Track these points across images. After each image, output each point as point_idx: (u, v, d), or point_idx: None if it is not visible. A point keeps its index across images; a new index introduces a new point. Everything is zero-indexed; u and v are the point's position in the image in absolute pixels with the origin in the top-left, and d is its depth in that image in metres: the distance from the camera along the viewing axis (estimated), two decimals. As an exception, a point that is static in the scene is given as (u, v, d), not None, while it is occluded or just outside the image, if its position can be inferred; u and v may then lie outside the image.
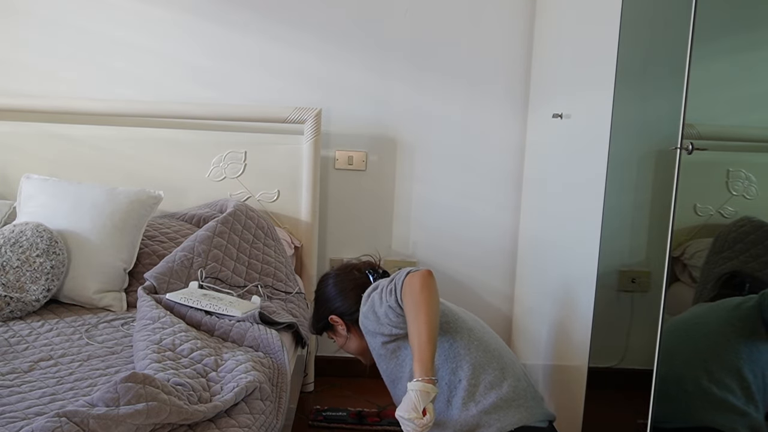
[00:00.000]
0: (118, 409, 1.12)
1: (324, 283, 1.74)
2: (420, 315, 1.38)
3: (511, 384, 1.48)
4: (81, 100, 2.43)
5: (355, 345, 1.68)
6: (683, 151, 1.32)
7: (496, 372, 1.49)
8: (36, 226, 1.96)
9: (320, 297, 1.73)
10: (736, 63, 1.49)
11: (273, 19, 2.50)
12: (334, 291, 1.69)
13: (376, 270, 1.69)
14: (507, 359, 1.55)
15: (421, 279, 1.42)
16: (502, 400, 1.44)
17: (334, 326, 1.70)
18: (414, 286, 1.41)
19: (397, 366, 1.54)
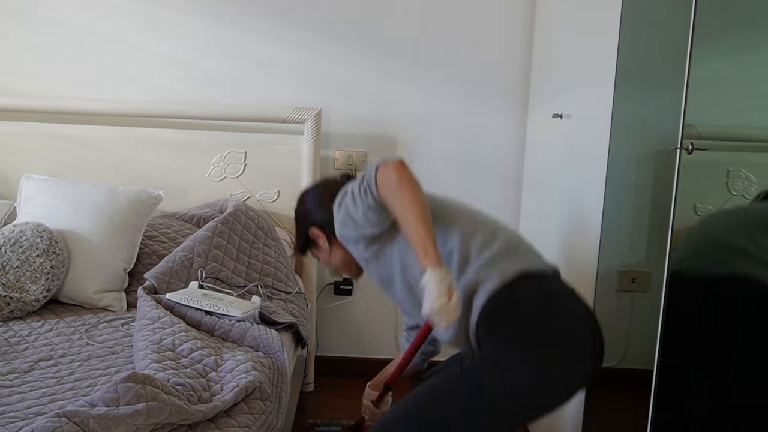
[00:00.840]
0: (118, 409, 1.12)
1: (302, 199, 1.67)
2: (408, 206, 1.31)
3: (503, 240, 1.41)
4: (81, 100, 2.43)
5: (339, 257, 1.61)
6: (683, 151, 1.32)
7: (486, 234, 1.42)
8: (36, 226, 1.96)
9: (299, 213, 1.67)
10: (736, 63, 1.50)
11: (273, 19, 2.50)
12: (312, 203, 1.63)
13: (353, 179, 1.61)
14: (499, 224, 1.48)
15: (395, 170, 1.33)
16: (496, 254, 1.38)
17: (315, 241, 1.63)
18: (390, 179, 1.33)
19: (385, 265, 1.47)
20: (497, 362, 1.28)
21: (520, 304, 1.32)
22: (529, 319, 1.31)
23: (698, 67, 1.29)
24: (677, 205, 1.35)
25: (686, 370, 1.53)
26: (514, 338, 1.29)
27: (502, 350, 1.29)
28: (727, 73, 1.50)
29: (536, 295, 1.34)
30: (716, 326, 1.37)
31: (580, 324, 1.32)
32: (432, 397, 1.30)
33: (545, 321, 1.30)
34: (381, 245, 1.45)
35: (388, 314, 2.69)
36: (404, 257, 1.42)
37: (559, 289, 1.39)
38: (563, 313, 1.33)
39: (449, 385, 1.31)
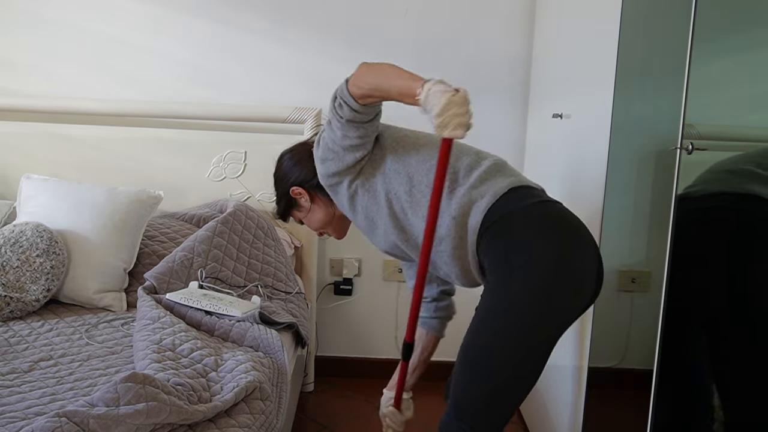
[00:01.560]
0: (118, 409, 1.12)
1: (279, 162, 1.64)
2: (381, 70, 1.27)
3: (490, 161, 1.41)
4: (81, 100, 2.43)
5: (321, 214, 1.59)
6: (683, 151, 1.32)
7: (471, 156, 1.42)
8: (36, 226, 1.96)
9: (278, 176, 1.63)
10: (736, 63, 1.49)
11: (273, 19, 2.50)
12: (291, 163, 1.60)
13: None
14: (482, 150, 1.48)
15: (361, 67, 1.30)
16: (485, 172, 1.37)
17: (296, 200, 1.60)
18: (359, 74, 1.30)
19: (370, 201, 1.43)
20: (506, 282, 1.27)
21: (517, 215, 1.30)
22: (529, 226, 1.30)
23: (698, 67, 1.28)
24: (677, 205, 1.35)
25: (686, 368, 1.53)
26: (518, 248, 1.28)
27: (508, 265, 1.27)
28: (727, 73, 1.50)
29: (533, 204, 1.33)
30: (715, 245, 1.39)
31: (581, 231, 1.33)
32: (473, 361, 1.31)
33: (545, 225, 1.30)
34: (365, 179, 1.42)
35: (388, 314, 2.69)
36: (390, 187, 1.40)
37: (552, 200, 1.39)
38: (562, 217, 1.34)
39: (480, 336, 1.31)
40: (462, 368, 1.34)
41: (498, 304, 1.29)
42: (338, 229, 1.63)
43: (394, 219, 1.41)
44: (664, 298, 1.37)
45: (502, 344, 1.28)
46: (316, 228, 1.64)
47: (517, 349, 1.28)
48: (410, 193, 1.38)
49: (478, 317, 1.33)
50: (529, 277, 1.26)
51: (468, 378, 1.32)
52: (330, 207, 1.56)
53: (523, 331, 1.27)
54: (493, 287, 1.32)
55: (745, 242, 1.47)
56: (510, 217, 1.30)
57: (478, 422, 1.32)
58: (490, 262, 1.32)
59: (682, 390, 1.54)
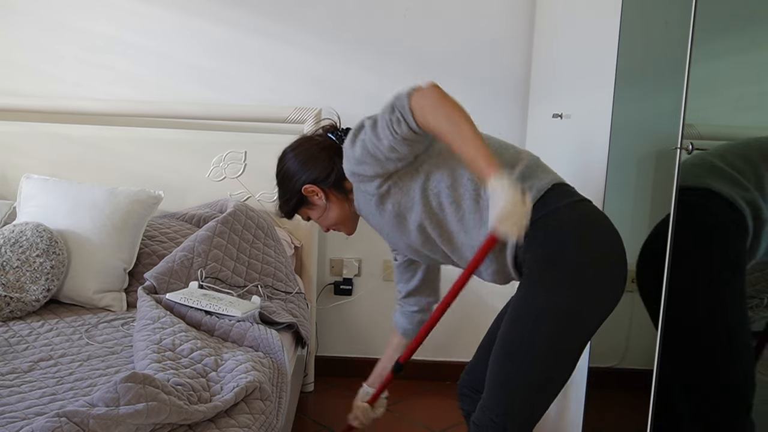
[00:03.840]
0: (118, 409, 1.12)
1: (284, 160, 1.57)
2: (456, 120, 1.25)
3: (528, 156, 1.41)
4: (81, 100, 2.43)
5: (336, 212, 1.53)
6: (683, 151, 1.32)
7: (510, 152, 1.40)
8: (36, 226, 1.96)
9: (285, 175, 1.56)
10: (736, 63, 1.50)
11: (273, 19, 2.50)
12: (300, 161, 1.52)
13: (338, 130, 1.55)
14: (516, 146, 1.46)
15: (432, 92, 1.26)
16: (527, 168, 1.35)
17: (309, 198, 1.53)
18: (429, 100, 1.25)
19: (404, 198, 1.38)
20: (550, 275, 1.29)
21: (563, 211, 1.31)
22: (575, 224, 1.31)
23: (698, 68, 1.28)
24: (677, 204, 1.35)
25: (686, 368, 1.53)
26: (563, 243, 1.29)
27: (553, 260, 1.28)
28: (727, 73, 1.50)
29: (574, 202, 1.34)
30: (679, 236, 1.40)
31: (615, 232, 1.34)
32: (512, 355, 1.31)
33: (589, 221, 1.32)
34: (399, 178, 1.37)
35: (388, 314, 2.68)
36: (429, 183, 1.36)
37: (587, 199, 1.39)
38: (603, 217, 1.35)
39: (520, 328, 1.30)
40: (501, 362, 1.33)
41: (540, 297, 1.29)
42: (351, 225, 1.59)
43: (430, 214, 1.37)
44: (664, 297, 1.37)
45: (545, 336, 1.28)
46: (328, 225, 1.59)
47: (559, 342, 1.29)
48: (453, 187, 1.35)
49: (518, 311, 1.33)
50: (575, 271, 1.28)
51: (509, 371, 1.32)
52: (345, 204, 1.51)
53: (567, 324, 1.29)
54: (535, 281, 1.32)
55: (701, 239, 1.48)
56: (558, 212, 1.30)
57: (517, 416, 1.32)
58: (532, 257, 1.31)
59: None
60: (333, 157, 1.47)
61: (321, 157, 1.49)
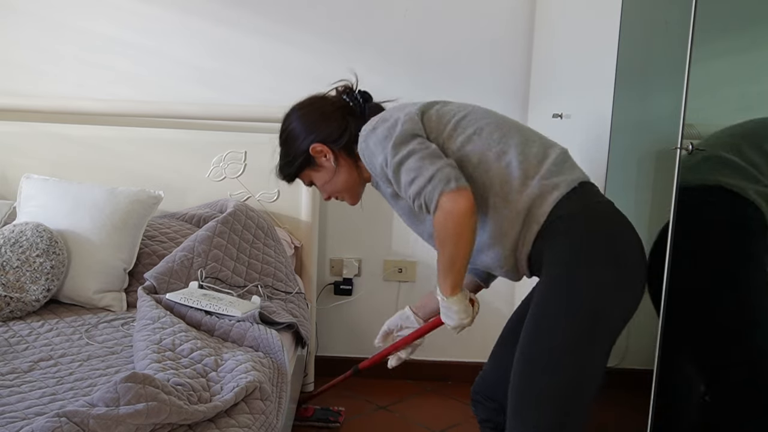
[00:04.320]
0: (118, 409, 1.12)
1: (290, 117, 1.48)
2: (451, 254, 1.27)
3: (557, 150, 1.34)
4: (81, 100, 2.43)
5: (344, 177, 1.44)
6: (683, 151, 1.32)
7: (537, 144, 1.33)
8: (36, 226, 1.96)
9: (291, 133, 1.46)
10: (736, 63, 1.50)
11: (273, 19, 2.50)
12: (311, 119, 1.44)
13: (353, 92, 1.49)
14: (544, 137, 1.40)
15: (456, 221, 1.23)
16: (554, 164, 1.30)
17: (316, 159, 1.44)
18: (447, 228, 1.24)
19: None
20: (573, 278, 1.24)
21: (590, 211, 1.28)
22: (600, 224, 1.27)
23: (698, 68, 1.28)
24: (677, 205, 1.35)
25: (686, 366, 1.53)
26: (587, 246, 1.25)
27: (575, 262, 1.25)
28: (727, 72, 1.50)
29: (600, 202, 1.31)
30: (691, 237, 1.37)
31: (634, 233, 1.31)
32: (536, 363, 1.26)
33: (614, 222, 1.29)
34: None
35: (388, 314, 2.67)
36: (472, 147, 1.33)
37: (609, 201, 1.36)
38: (623, 219, 1.31)
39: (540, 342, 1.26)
40: (525, 372, 1.26)
41: (565, 301, 1.25)
42: (356, 194, 1.49)
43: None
44: (665, 297, 1.37)
45: (572, 340, 1.23)
46: (333, 192, 1.50)
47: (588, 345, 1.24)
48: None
49: (536, 319, 1.27)
50: (592, 273, 1.24)
51: (535, 382, 1.25)
52: (354, 170, 1.44)
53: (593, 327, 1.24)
54: (551, 284, 1.27)
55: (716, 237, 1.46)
56: (580, 212, 1.27)
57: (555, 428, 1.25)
58: (549, 259, 1.27)
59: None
60: (347, 117, 1.41)
61: (334, 116, 1.41)
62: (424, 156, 1.26)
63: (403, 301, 2.67)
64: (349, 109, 1.43)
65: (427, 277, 2.64)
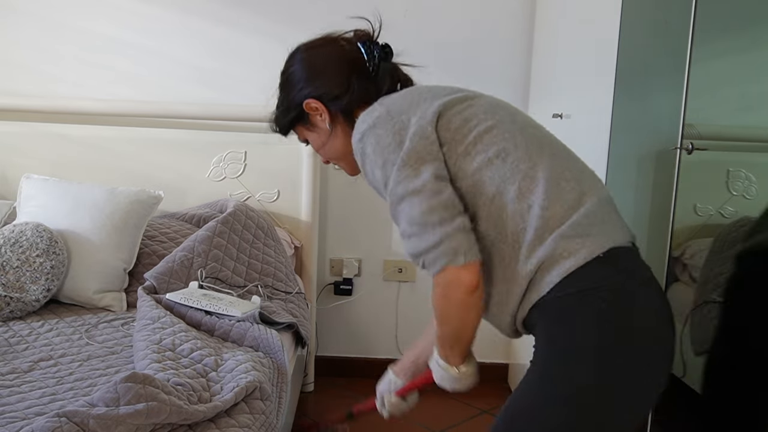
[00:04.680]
0: (118, 409, 1.12)
1: (293, 59, 1.27)
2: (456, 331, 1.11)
3: (595, 199, 1.06)
4: (81, 100, 2.43)
5: (339, 143, 1.21)
6: (683, 151, 1.32)
7: (572, 190, 1.06)
8: (36, 226, 1.96)
9: (288, 78, 1.27)
10: (736, 63, 1.50)
11: (273, 18, 2.50)
12: (312, 67, 1.22)
13: (372, 42, 1.27)
14: (585, 173, 1.12)
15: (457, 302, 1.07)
16: (584, 217, 1.03)
17: (310, 117, 1.23)
18: (445, 306, 1.10)
19: None
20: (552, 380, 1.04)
21: (604, 300, 1.00)
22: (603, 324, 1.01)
23: (698, 68, 1.29)
24: (677, 205, 1.35)
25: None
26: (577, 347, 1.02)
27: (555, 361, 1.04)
28: (727, 72, 1.50)
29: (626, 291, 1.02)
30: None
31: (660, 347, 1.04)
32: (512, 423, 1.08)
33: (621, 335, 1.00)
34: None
35: (388, 314, 2.69)
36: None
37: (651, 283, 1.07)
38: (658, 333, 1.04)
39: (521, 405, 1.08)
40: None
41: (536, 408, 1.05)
42: (354, 165, 1.20)
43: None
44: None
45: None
46: (328, 157, 1.29)
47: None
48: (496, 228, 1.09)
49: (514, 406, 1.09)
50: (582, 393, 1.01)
51: None
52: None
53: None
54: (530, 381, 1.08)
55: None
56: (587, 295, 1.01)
57: None
58: (537, 342, 1.08)
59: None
60: (352, 75, 1.18)
61: (338, 69, 1.18)
62: (433, 206, 1.03)
63: (403, 301, 2.67)
64: (360, 64, 1.18)
65: (427, 277, 2.63)
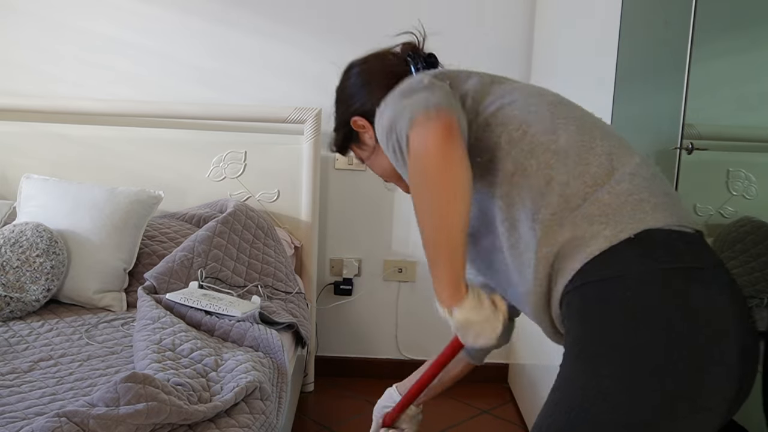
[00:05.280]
0: (118, 409, 1.12)
1: (347, 74, 1.24)
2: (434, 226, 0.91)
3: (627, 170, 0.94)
4: (81, 100, 2.43)
5: (384, 161, 1.12)
6: (683, 151, 1.32)
7: (603, 155, 0.95)
8: (36, 226, 1.96)
9: (339, 95, 1.24)
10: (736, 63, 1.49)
11: (273, 19, 2.50)
12: (358, 82, 1.19)
13: (418, 54, 1.23)
14: (622, 143, 1.01)
15: (434, 144, 0.88)
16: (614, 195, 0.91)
17: (359, 135, 1.17)
18: (422, 159, 0.90)
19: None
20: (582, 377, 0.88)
21: (630, 290, 0.86)
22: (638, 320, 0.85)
23: (698, 68, 1.28)
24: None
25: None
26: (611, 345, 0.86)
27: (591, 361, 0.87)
28: (727, 72, 1.50)
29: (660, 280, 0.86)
30: None
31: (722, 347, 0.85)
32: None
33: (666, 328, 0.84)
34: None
35: (388, 314, 2.69)
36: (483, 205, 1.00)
37: (703, 274, 0.88)
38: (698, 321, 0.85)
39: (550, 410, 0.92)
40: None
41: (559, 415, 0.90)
42: (406, 186, 1.14)
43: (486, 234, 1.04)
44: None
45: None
46: (379, 175, 1.22)
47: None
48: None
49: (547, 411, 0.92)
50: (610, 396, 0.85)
51: None
52: None
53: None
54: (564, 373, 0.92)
55: None
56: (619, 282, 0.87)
57: None
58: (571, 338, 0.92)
59: None
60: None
61: (383, 84, 1.08)
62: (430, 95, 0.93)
63: (403, 301, 2.67)
64: (405, 77, 1.08)
65: (427, 277, 2.63)
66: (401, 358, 2.67)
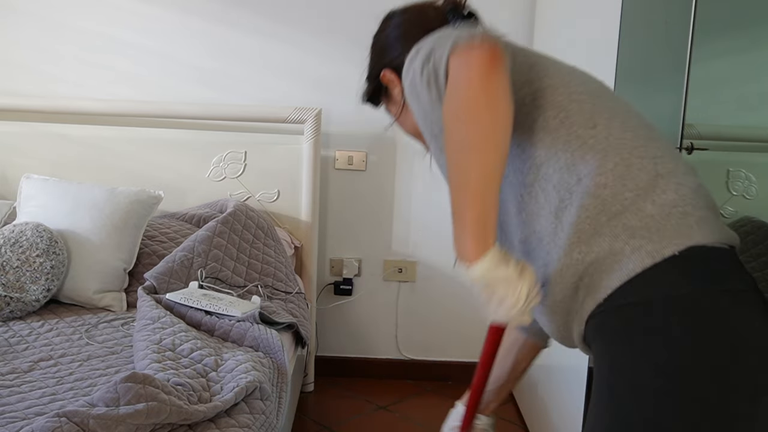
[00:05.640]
0: (118, 409, 1.12)
1: (386, 23, 1.16)
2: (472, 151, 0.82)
3: (678, 181, 0.85)
4: (81, 100, 2.43)
5: (412, 123, 1.06)
6: (683, 151, 1.32)
7: (648, 158, 0.86)
8: (36, 226, 1.96)
9: (376, 43, 1.17)
10: (736, 63, 1.49)
11: (273, 19, 2.50)
12: (394, 34, 1.11)
13: (460, 11, 1.13)
14: (669, 146, 0.91)
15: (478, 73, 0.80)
16: (659, 206, 0.83)
17: (388, 88, 1.12)
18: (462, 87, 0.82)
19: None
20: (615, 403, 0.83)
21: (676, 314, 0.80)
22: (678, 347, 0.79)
23: (698, 68, 1.28)
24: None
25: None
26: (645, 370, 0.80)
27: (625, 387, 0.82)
28: (727, 72, 1.50)
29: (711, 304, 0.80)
30: None
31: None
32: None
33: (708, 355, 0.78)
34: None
35: (388, 314, 2.69)
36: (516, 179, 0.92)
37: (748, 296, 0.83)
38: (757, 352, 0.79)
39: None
40: None
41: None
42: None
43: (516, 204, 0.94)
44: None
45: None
46: (410, 133, 1.14)
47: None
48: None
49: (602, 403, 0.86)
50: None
51: None
52: None
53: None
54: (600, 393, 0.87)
55: None
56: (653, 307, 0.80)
57: None
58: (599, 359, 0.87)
59: None
60: None
61: (417, 38, 0.98)
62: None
63: (403, 301, 2.67)
64: None
65: (427, 278, 2.64)
66: (401, 358, 2.67)
